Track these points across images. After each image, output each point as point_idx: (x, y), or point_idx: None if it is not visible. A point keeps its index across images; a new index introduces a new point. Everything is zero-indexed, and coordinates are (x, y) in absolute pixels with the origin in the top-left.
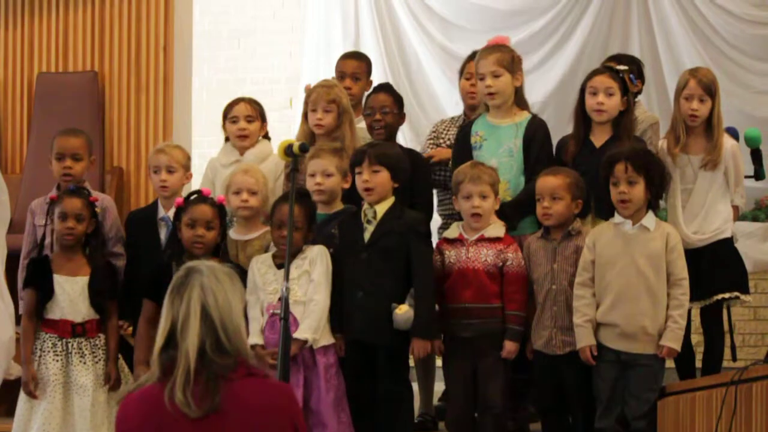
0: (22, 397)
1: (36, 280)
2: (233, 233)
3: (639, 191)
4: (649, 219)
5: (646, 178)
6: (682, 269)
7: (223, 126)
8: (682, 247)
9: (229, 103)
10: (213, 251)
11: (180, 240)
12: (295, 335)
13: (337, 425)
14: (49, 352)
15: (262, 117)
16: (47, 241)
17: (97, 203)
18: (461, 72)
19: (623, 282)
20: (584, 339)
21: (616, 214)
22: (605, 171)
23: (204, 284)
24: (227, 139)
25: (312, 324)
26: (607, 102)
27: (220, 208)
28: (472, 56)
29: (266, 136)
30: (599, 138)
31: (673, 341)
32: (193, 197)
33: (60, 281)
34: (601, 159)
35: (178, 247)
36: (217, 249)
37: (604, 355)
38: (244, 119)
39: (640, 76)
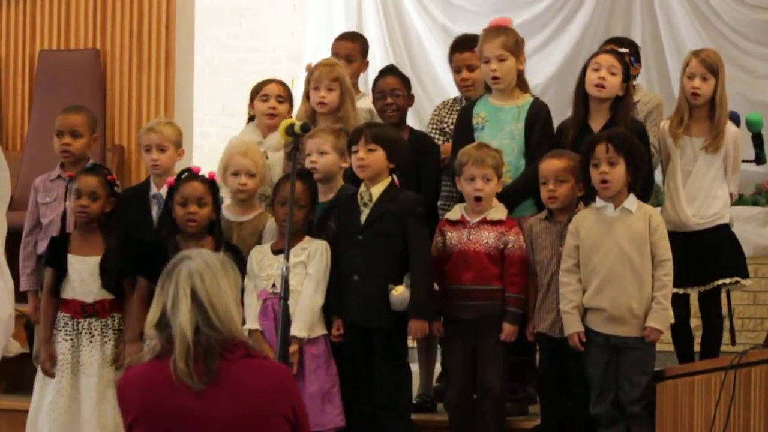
0: (38, 376)
1: (54, 258)
2: (228, 213)
3: (619, 172)
4: (631, 201)
5: (627, 160)
6: (665, 250)
7: (250, 105)
8: (665, 227)
9: (259, 82)
10: (208, 229)
11: (173, 219)
12: (293, 333)
13: (321, 416)
14: (60, 330)
15: (290, 101)
16: (69, 219)
17: (117, 181)
18: (450, 63)
19: (609, 265)
20: (572, 326)
21: (597, 199)
22: (586, 153)
23: (192, 267)
24: (250, 119)
25: (307, 321)
26: (609, 78)
27: (211, 184)
28: (455, 46)
29: None
30: (597, 122)
31: (657, 322)
32: (184, 175)
33: (72, 261)
34: None
35: (172, 226)
36: (211, 226)
37: (594, 340)
38: (275, 98)
39: (638, 60)
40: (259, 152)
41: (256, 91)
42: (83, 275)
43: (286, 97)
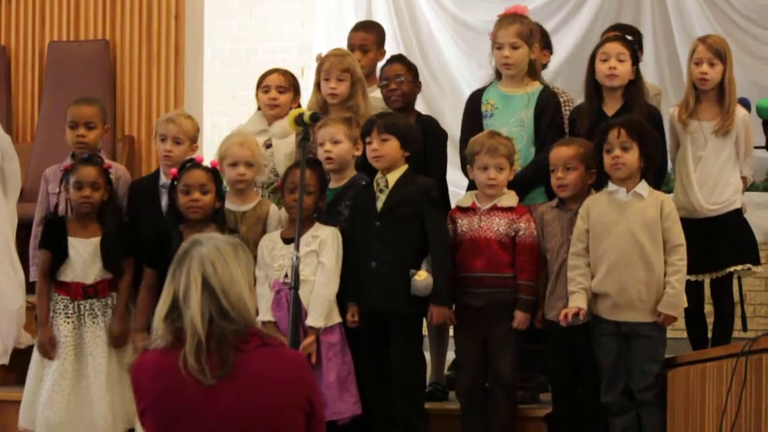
0: (34, 358)
1: (50, 241)
2: (229, 204)
3: (632, 157)
4: (643, 187)
5: (640, 145)
6: (678, 235)
7: (256, 95)
8: (677, 213)
9: (263, 73)
10: (212, 216)
11: (178, 209)
12: (309, 323)
13: (340, 404)
14: (60, 313)
15: (295, 89)
16: (61, 208)
17: (111, 170)
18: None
19: (619, 250)
20: (575, 301)
21: (609, 183)
22: (599, 139)
23: (203, 254)
24: (260, 108)
25: (323, 311)
26: (619, 67)
27: (214, 173)
28: None
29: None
30: (611, 107)
31: (669, 308)
32: (187, 165)
33: (74, 243)
34: None
35: (177, 216)
36: (215, 214)
37: (604, 328)
38: (276, 89)
39: (641, 47)
40: (255, 142)
41: (260, 82)
42: (85, 257)
43: (288, 86)
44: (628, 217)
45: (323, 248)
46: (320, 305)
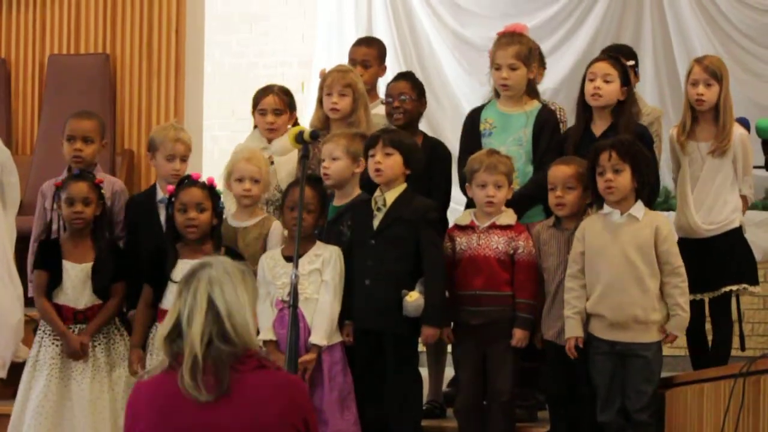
0: (24, 378)
1: (45, 262)
2: (232, 219)
3: (625, 179)
4: (638, 208)
5: (632, 166)
6: (677, 257)
7: (253, 114)
8: (674, 235)
9: (258, 92)
10: (209, 234)
11: (176, 227)
12: (312, 341)
13: (340, 423)
14: (49, 335)
15: (290, 107)
16: (54, 226)
17: (103, 185)
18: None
19: (613, 271)
20: (571, 331)
21: (605, 205)
22: (591, 161)
23: (212, 276)
24: (256, 126)
25: (326, 329)
26: (604, 87)
27: (210, 190)
28: None
29: (295, 124)
30: (599, 127)
31: (678, 329)
32: (184, 182)
33: (66, 267)
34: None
35: (174, 234)
36: (212, 231)
37: (599, 347)
38: (272, 113)
39: (637, 70)
40: (263, 158)
41: (256, 103)
42: (75, 282)
43: (284, 108)
44: (622, 240)
45: (326, 267)
46: (324, 324)
